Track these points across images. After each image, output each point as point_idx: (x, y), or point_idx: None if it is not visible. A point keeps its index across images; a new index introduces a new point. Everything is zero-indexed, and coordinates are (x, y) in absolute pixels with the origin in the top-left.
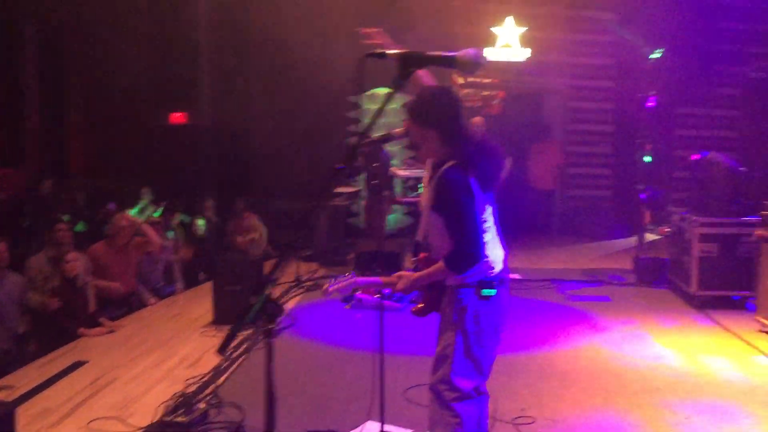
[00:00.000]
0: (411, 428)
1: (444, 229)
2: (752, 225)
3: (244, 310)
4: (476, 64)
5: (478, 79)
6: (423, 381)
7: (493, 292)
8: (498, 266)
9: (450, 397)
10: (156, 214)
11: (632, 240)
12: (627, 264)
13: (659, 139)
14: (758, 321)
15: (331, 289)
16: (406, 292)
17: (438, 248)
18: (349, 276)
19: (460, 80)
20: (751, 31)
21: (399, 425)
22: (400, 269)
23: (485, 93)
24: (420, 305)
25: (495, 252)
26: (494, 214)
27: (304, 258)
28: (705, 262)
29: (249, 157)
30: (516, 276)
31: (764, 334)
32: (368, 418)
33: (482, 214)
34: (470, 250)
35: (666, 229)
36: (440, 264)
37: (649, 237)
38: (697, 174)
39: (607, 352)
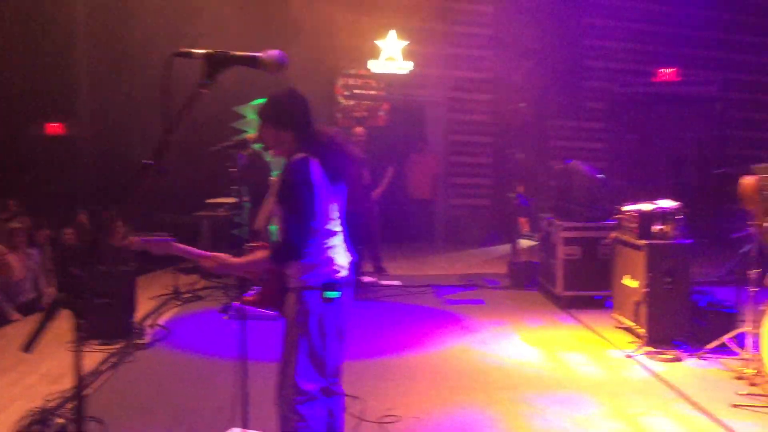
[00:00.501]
0: None
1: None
2: (609, 228)
3: (49, 308)
4: (280, 65)
5: (362, 91)
6: None
7: (336, 294)
8: (343, 270)
9: (295, 399)
10: None
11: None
12: (503, 269)
13: (534, 149)
14: (614, 318)
15: (142, 240)
16: (217, 272)
17: None
18: (165, 236)
19: (345, 92)
20: (616, 48)
21: (263, 431)
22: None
23: (370, 104)
24: (254, 297)
25: (341, 255)
26: (342, 219)
27: (184, 270)
28: (569, 264)
29: (131, 169)
30: (396, 282)
31: (620, 329)
32: (233, 425)
33: (327, 211)
34: (295, 241)
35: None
36: (261, 255)
37: (526, 243)
38: (561, 182)
39: (476, 351)
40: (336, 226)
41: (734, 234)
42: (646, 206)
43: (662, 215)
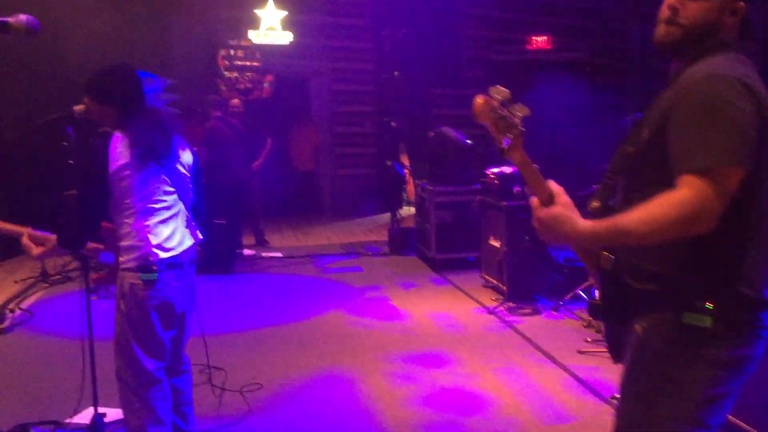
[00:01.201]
0: None
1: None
2: (477, 192)
3: None
4: (30, 30)
5: (245, 63)
6: None
7: (153, 276)
8: (171, 251)
9: (133, 382)
10: None
11: (400, 212)
12: (386, 236)
13: (415, 118)
14: (482, 277)
15: None
16: (44, 257)
17: (115, 221)
18: None
19: (227, 63)
20: (490, 17)
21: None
22: None
23: (253, 75)
24: (100, 275)
25: (167, 234)
26: (185, 197)
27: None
28: (441, 228)
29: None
30: (278, 254)
31: (487, 288)
32: (86, 405)
33: (144, 191)
34: (79, 224)
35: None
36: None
37: (410, 210)
38: (433, 148)
39: (348, 317)
40: (162, 204)
41: (580, 192)
42: (506, 169)
43: (521, 177)
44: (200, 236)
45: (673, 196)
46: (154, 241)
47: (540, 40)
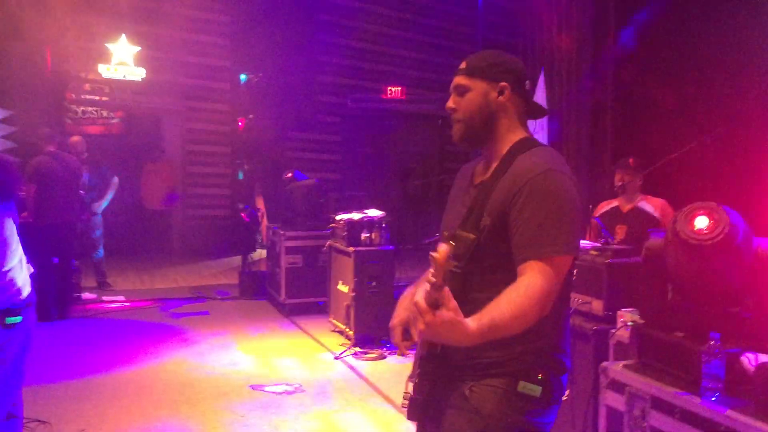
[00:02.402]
0: None
1: None
2: (327, 237)
3: None
4: None
5: (95, 97)
6: None
7: (18, 319)
8: (26, 290)
9: None
10: None
11: (252, 255)
12: (236, 280)
13: (269, 160)
14: (330, 322)
15: None
16: None
17: None
18: None
19: (73, 95)
20: (349, 66)
21: None
22: None
23: (102, 111)
24: None
25: (21, 274)
26: (19, 233)
27: None
28: (291, 272)
29: None
30: (120, 298)
31: (334, 333)
32: None
33: (2, 232)
34: None
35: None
36: None
37: (262, 253)
38: (285, 192)
39: (190, 363)
40: (13, 243)
41: (427, 240)
42: (355, 215)
43: (369, 223)
44: (32, 269)
45: (529, 286)
46: (15, 281)
47: (395, 91)
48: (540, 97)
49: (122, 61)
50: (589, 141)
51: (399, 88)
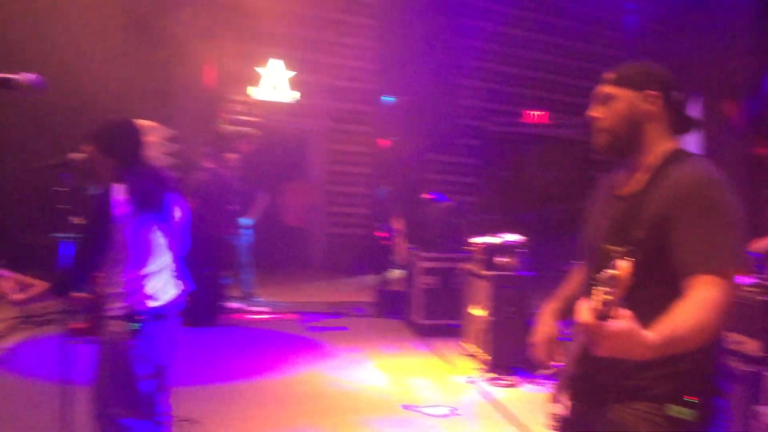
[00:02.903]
0: None
1: None
2: (463, 259)
3: None
4: (36, 88)
5: (245, 118)
6: None
7: (136, 326)
8: (160, 300)
9: (109, 426)
10: None
11: (389, 275)
12: (371, 297)
13: (409, 182)
14: (464, 346)
15: None
16: (25, 303)
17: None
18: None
19: (227, 116)
20: (490, 89)
21: None
22: None
23: (251, 131)
24: (81, 325)
25: (159, 284)
26: (174, 247)
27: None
28: (428, 293)
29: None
30: (264, 309)
31: (468, 357)
32: None
33: (138, 242)
34: (75, 272)
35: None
36: (40, 288)
37: (400, 273)
38: (422, 213)
39: (327, 377)
40: (152, 252)
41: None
42: (492, 239)
43: (507, 248)
44: (187, 286)
45: (707, 299)
46: (143, 290)
47: (537, 115)
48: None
49: (275, 84)
50: (747, 168)
51: (542, 113)
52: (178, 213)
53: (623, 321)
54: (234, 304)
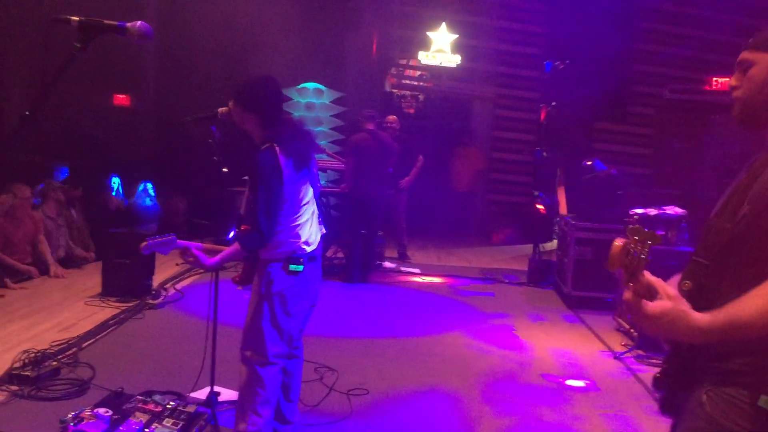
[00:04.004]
0: None
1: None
2: (621, 231)
3: None
4: (145, 35)
5: (413, 82)
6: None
7: (300, 267)
8: (311, 245)
9: (256, 361)
10: None
11: (546, 245)
12: (526, 266)
13: (576, 150)
14: (615, 320)
15: (149, 244)
16: (214, 267)
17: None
18: (169, 236)
19: (395, 80)
20: (666, 54)
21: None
22: None
23: (420, 96)
24: (238, 275)
25: (309, 231)
26: (316, 195)
27: (213, 241)
28: (580, 264)
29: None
30: (416, 270)
31: (618, 332)
32: (212, 384)
33: (297, 194)
34: (264, 229)
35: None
36: (233, 248)
37: (556, 243)
38: (583, 180)
39: (469, 340)
40: (305, 203)
41: None
42: (651, 211)
43: (665, 221)
44: (324, 230)
45: None
46: (301, 236)
47: (723, 82)
48: None
49: (440, 48)
50: None
51: (728, 79)
52: (316, 163)
53: (667, 301)
54: (387, 264)
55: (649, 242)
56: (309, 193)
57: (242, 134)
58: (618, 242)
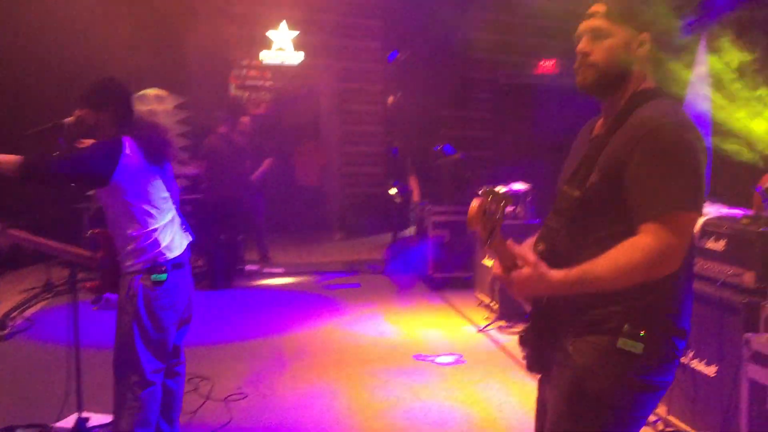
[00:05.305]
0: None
1: (112, 201)
2: None
3: None
4: None
5: (256, 83)
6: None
7: (163, 276)
8: (174, 251)
9: (131, 381)
10: None
11: (403, 232)
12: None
13: (422, 138)
14: (476, 297)
15: None
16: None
17: (113, 226)
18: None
19: (238, 82)
20: (501, 42)
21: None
22: None
23: (262, 94)
24: (95, 283)
25: (170, 235)
26: (175, 200)
27: (59, 263)
28: (439, 247)
29: None
30: (279, 270)
31: (481, 308)
32: (79, 410)
33: (151, 191)
34: (52, 168)
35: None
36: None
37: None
38: (434, 167)
39: (341, 332)
40: (162, 206)
41: None
42: (499, 188)
43: (513, 197)
44: (191, 237)
45: (636, 244)
46: (162, 241)
47: (547, 65)
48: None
49: (281, 47)
50: None
51: (551, 62)
52: (172, 167)
53: (527, 268)
54: (249, 267)
55: (503, 203)
56: (165, 194)
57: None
58: (475, 202)
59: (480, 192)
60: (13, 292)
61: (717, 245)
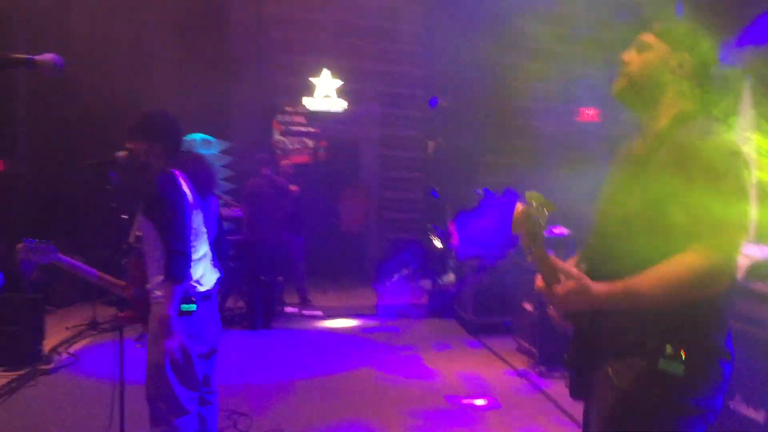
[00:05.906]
0: None
1: (155, 233)
2: (514, 255)
3: None
4: (56, 68)
5: (299, 128)
6: None
7: (193, 307)
8: (205, 285)
9: (168, 412)
10: None
11: (443, 277)
12: (426, 299)
13: (463, 184)
14: (516, 341)
15: (26, 244)
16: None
17: (150, 257)
18: (48, 244)
19: (282, 127)
20: (541, 88)
21: None
22: None
23: (309, 142)
24: (128, 314)
25: (202, 269)
26: (210, 234)
27: (105, 302)
28: (478, 290)
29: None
30: (318, 313)
31: (519, 352)
32: None
33: (191, 225)
34: (183, 249)
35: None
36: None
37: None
38: (473, 211)
39: (379, 373)
40: (199, 240)
41: None
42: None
43: (554, 241)
44: (220, 273)
45: (684, 261)
46: (194, 276)
47: (589, 113)
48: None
49: (326, 94)
50: None
51: (592, 111)
52: (213, 203)
53: (570, 281)
54: (289, 309)
55: (546, 210)
56: (203, 229)
57: (142, 181)
58: (519, 206)
59: (525, 195)
60: (60, 328)
61: (765, 287)
